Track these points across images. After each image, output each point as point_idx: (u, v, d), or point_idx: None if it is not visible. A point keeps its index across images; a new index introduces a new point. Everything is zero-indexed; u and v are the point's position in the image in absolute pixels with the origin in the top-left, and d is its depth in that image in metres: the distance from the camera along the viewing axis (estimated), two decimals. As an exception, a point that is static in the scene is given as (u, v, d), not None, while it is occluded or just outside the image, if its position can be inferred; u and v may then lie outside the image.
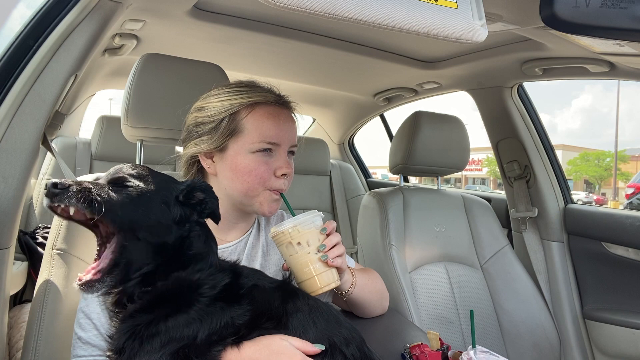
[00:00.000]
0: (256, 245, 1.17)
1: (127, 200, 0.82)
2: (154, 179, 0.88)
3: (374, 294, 1.27)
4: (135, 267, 0.82)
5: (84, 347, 0.97)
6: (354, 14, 0.73)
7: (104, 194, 0.80)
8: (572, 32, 0.91)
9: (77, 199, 0.76)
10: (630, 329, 1.84)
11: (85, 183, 0.80)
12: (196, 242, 0.89)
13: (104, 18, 1.11)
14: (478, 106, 2.32)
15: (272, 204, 1.10)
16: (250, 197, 1.09)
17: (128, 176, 0.85)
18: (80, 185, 0.79)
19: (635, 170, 27.84)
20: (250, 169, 1.07)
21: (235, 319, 0.82)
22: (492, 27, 1.42)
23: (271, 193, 1.09)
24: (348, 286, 1.14)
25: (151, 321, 0.79)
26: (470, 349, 1.09)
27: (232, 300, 0.84)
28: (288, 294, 0.91)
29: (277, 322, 0.85)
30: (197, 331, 0.79)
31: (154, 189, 0.86)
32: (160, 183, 0.88)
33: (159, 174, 0.91)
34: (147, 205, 0.84)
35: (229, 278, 0.87)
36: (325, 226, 1.00)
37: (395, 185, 2.17)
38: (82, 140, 2.56)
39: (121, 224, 0.81)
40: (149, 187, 0.85)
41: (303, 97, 3.17)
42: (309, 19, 1.71)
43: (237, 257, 1.12)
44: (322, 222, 1.02)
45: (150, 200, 0.84)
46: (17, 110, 1.01)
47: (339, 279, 1.02)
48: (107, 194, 0.81)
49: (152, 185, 0.86)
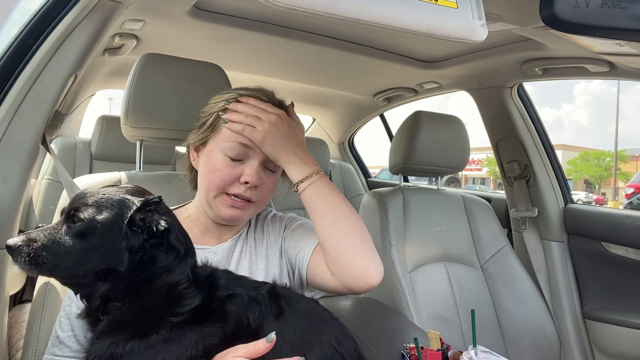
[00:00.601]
0: (245, 245, 1.15)
1: (76, 243, 0.81)
2: (109, 206, 0.84)
3: (338, 218, 1.03)
4: (94, 288, 0.83)
5: (60, 346, 0.96)
6: (354, 14, 0.73)
7: (50, 250, 0.80)
8: (572, 32, 0.91)
9: (25, 263, 0.79)
10: (630, 329, 1.84)
11: (35, 238, 0.80)
12: (162, 259, 0.85)
13: (103, 18, 1.11)
14: (478, 106, 2.32)
15: (229, 209, 1.04)
16: (211, 197, 1.05)
17: (81, 206, 0.83)
18: (29, 245, 0.79)
19: (635, 170, 27.83)
20: (216, 169, 1.03)
21: (205, 340, 0.80)
22: (492, 27, 1.42)
23: (229, 198, 1.03)
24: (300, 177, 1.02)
25: (114, 346, 0.77)
26: (471, 349, 1.09)
27: (203, 318, 0.82)
28: (271, 298, 0.88)
29: (252, 335, 0.82)
30: (163, 358, 0.77)
31: (106, 218, 0.82)
32: (115, 209, 0.84)
33: (118, 197, 0.86)
34: (96, 242, 0.81)
35: (201, 295, 0.84)
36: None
37: (395, 185, 2.17)
38: (82, 140, 2.56)
39: (71, 270, 0.81)
40: (101, 218, 0.82)
41: (303, 97, 3.17)
42: (309, 19, 1.71)
43: (227, 258, 1.11)
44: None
45: (100, 234, 0.82)
46: (16, 110, 1.01)
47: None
48: (57, 245, 0.80)
49: (105, 213, 0.83)
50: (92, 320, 0.84)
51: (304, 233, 1.11)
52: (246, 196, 1.04)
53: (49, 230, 0.83)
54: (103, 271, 0.82)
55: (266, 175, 1.07)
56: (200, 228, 1.13)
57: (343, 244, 1.00)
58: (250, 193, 1.04)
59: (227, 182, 1.03)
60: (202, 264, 0.94)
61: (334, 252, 1.00)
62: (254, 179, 1.02)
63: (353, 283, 0.99)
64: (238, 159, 1.04)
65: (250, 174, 1.02)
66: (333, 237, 1.00)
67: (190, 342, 0.79)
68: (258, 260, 1.13)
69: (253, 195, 1.05)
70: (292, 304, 0.90)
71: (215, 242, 1.12)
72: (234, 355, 0.78)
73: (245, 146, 1.04)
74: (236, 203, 1.04)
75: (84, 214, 0.82)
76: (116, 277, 0.83)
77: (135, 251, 0.83)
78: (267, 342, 0.78)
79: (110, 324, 0.81)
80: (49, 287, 1.15)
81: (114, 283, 0.83)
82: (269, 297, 0.89)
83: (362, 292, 1.03)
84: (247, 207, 1.06)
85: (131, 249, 0.83)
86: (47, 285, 1.15)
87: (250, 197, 1.04)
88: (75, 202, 0.86)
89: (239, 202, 1.04)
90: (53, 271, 0.82)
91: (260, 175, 1.05)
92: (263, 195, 1.07)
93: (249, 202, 1.05)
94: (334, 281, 1.01)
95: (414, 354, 1.13)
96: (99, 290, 0.83)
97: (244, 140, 1.03)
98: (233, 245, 1.13)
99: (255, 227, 1.19)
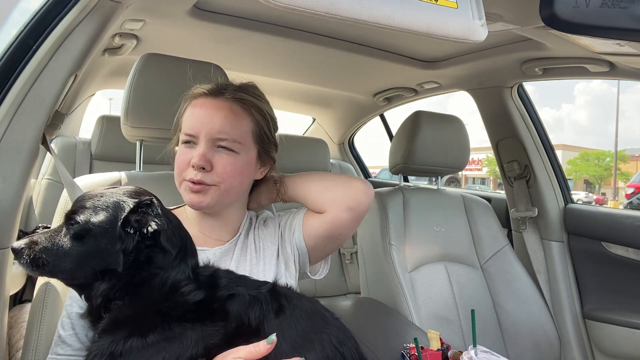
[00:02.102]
0: (245, 245, 1.15)
1: (74, 246, 0.83)
2: (104, 209, 0.85)
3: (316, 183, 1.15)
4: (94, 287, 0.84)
5: (61, 345, 0.97)
6: (354, 14, 0.73)
7: (50, 252, 0.83)
8: (572, 32, 0.91)
9: (27, 264, 0.82)
10: (630, 329, 1.84)
11: (37, 241, 0.84)
12: (160, 260, 0.86)
13: (103, 18, 1.11)
14: (478, 106, 2.32)
15: (189, 194, 1.05)
16: (179, 188, 1.09)
17: (79, 209, 0.86)
18: (31, 248, 0.83)
19: (635, 170, 27.82)
20: (177, 160, 1.08)
21: (206, 339, 0.80)
22: (492, 27, 1.42)
23: (187, 184, 1.05)
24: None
25: (114, 344, 0.78)
26: (471, 349, 1.09)
27: (204, 317, 0.82)
28: (272, 298, 0.89)
29: (253, 334, 0.83)
30: (163, 357, 0.77)
31: (101, 221, 0.84)
32: (110, 211, 0.85)
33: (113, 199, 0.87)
34: (92, 244, 0.84)
35: (202, 294, 0.85)
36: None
37: (395, 185, 2.17)
38: (82, 140, 2.56)
39: (71, 271, 0.84)
40: (96, 220, 0.84)
41: (303, 97, 3.18)
42: (309, 19, 1.71)
43: (227, 259, 1.11)
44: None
45: (95, 237, 0.83)
46: (16, 110, 1.01)
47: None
48: (56, 248, 0.83)
49: (100, 216, 0.84)
50: (94, 319, 0.85)
51: (292, 215, 1.18)
52: (197, 179, 1.03)
53: (51, 233, 0.86)
54: (101, 271, 0.83)
55: (219, 155, 1.05)
56: (197, 228, 1.13)
57: (328, 188, 1.12)
58: (201, 176, 1.03)
59: (182, 169, 1.06)
60: (204, 265, 0.94)
61: (326, 195, 1.11)
62: (197, 160, 1.02)
63: (352, 203, 1.09)
64: (189, 142, 1.07)
65: (196, 156, 1.03)
66: (318, 191, 1.12)
67: (191, 341, 0.79)
68: (258, 263, 1.13)
69: (207, 178, 1.04)
70: (293, 303, 0.90)
71: (213, 244, 1.12)
72: (234, 357, 0.78)
73: (190, 135, 1.06)
74: (193, 187, 1.04)
75: (81, 216, 0.84)
76: (114, 276, 0.84)
77: (129, 252, 0.84)
78: (267, 343, 0.78)
79: (111, 322, 0.82)
80: (49, 287, 1.15)
81: (112, 282, 0.84)
82: (270, 296, 0.89)
83: (365, 208, 1.12)
84: (206, 191, 1.05)
85: (125, 250, 0.84)
86: (47, 285, 1.15)
87: (202, 180, 1.03)
88: (75, 204, 0.88)
89: (195, 186, 1.04)
90: (53, 272, 0.84)
91: (206, 156, 1.04)
92: (222, 177, 1.05)
93: (206, 185, 1.04)
94: (330, 217, 1.10)
95: (414, 354, 1.13)
96: (98, 289, 0.84)
97: (188, 130, 1.07)
98: (231, 248, 1.13)
99: (253, 230, 1.19)
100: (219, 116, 1.05)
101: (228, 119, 1.06)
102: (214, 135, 1.04)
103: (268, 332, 0.81)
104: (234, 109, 1.08)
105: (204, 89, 1.12)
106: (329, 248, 1.17)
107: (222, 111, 1.06)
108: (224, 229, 1.15)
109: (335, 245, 1.20)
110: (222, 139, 1.05)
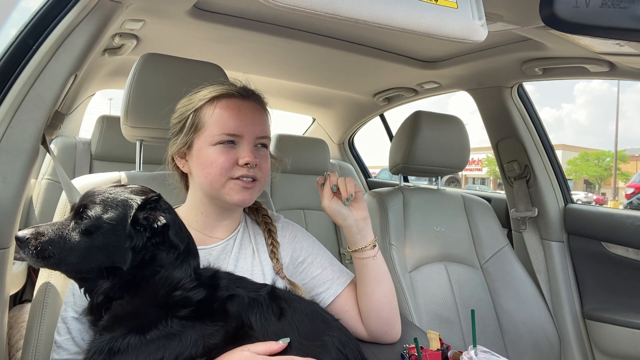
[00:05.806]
0: (244, 244, 1.16)
1: (82, 240, 0.83)
2: (114, 206, 0.85)
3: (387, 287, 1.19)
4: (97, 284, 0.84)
5: (57, 350, 0.97)
6: (354, 14, 0.73)
7: (57, 245, 0.82)
8: (572, 32, 0.91)
9: (32, 255, 0.81)
10: (630, 329, 1.84)
11: (44, 232, 0.83)
12: (163, 258, 0.86)
13: (103, 18, 1.11)
14: (478, 106, 2.32)
15: (240, 192, 1.07)
16: (216, 189, 1.07)
17: (90, 204, 0.86)
18: (37, 238, 0.82)
19: (635, 170, 27.82)
20: (211, 161, 1.06)
21: (206, 339, 0.80)
22: (492, 27, 1.42)
23: (236, 182, 1.06)
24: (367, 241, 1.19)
25: (113, 341, 0.78)
26: (471, 349, 1.08)
27: (204, 317, 0.82)
28: (272, 300, 0.89)
29: (254, 335, 0.83)
30: (162, 355, 0.77)
31: (112, 217, 0.84)
32: (120, 208, 0.86)
33: (122, 197, 0.88)
34: (101, 240, 0.83)
35: (202, 294, 0.85)
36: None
37: (395, 185, 2.17)
38: (82, 140, 2.56)
39: (76, 265, 0.83)
40: (107, 217, 0.84)
41: (303, 97, 3.18)
42: (309, 19, 1.71)
43: (225, 256, 1.11)
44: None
45: (105, 233, 0.83)
46: (16, 110, 1.01)
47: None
48: (63, 241, 0.82)
49: (111, 212, 0.84)
50: (94, 318, 0.85)
51: (328, 266, 1.25)
52: (251, 175, 1.07)
53: (58, 225, 0.85)
54: (106, 269, 0.83)
55: (260, 152, 1.11)
56: (193, 227, 1.13)
57: (393, 307, 1.19)
58: (253, 171, 1.08)
59: (227, 169, 1.06)
60: (205, 266, 0.94)
61: (386, 313, 1.18)
62: (252, 158, 1.06)
63: (386, 337, 1.21)
64: (230, 141, 1.07)
65: (247, 155, 1.06)
66: (386, 302, 1.17)
67: (190, 340, 0.79)
68: (259, 258, 1.15)
69: (257, 174, 1.09)
70: (293, 306, 0.90)
71: (211, 241, 1.13)
72: (251, 350, 0.80)
73: (234, 135, 1.07)
74: (247, 184, 1.07)
75: (92, 211, 0.84)
76: (118, 274, 0.84)
77: (138, 250, 0.84)
78: (281, 342, 0.82)
79: (111, 319, 0.82)
80: (49, 287, 1.15)
81: (115, 281, 0.84)
82: (269, 299, 0.89)
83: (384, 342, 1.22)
84: (253, 187, 1.09)
85: (134, 248, 0.84)
86: (47, 285, 1.15)
87: (255, 175, 1.08)
88: (84, 199, 0.87)
89: (250, 183, 1.08)
90: (58, 265, 0.84)
91: (255, 155, 1.09)
92: (264, 172, 1.12)
93: (255, 181, 1.09)
94: (365, 330, 1.19)
95: (414, 354, 1.13)
96: (101, 287, 0.84)
97: (232, 131, 1.07)
98: (231, 244, 1.14)
99: (251, 225, 1.21)
100: (258, 117, 1.12)
101: (263, 119, 1.13)
102: (258, 134, 1.10)
103: (270, 334, 0.82)
104: (261, 109, 1.14)
105: (231, 89, 1.12)
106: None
107: (257, 112, 1.12)
108: (221, 225, 1.16)
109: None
110: (263, 136, 1.11)
